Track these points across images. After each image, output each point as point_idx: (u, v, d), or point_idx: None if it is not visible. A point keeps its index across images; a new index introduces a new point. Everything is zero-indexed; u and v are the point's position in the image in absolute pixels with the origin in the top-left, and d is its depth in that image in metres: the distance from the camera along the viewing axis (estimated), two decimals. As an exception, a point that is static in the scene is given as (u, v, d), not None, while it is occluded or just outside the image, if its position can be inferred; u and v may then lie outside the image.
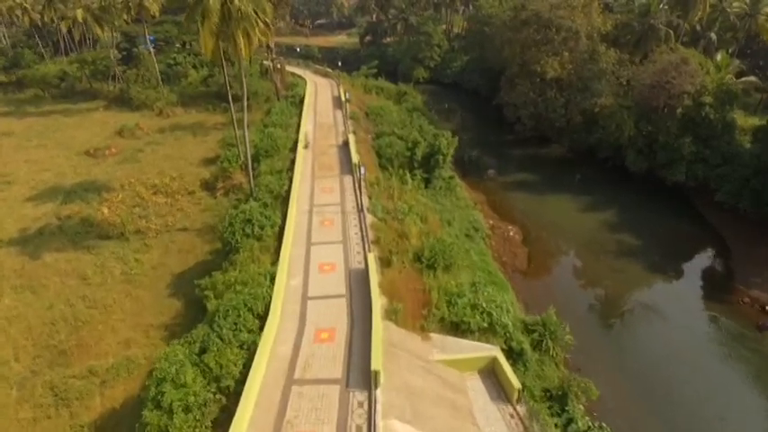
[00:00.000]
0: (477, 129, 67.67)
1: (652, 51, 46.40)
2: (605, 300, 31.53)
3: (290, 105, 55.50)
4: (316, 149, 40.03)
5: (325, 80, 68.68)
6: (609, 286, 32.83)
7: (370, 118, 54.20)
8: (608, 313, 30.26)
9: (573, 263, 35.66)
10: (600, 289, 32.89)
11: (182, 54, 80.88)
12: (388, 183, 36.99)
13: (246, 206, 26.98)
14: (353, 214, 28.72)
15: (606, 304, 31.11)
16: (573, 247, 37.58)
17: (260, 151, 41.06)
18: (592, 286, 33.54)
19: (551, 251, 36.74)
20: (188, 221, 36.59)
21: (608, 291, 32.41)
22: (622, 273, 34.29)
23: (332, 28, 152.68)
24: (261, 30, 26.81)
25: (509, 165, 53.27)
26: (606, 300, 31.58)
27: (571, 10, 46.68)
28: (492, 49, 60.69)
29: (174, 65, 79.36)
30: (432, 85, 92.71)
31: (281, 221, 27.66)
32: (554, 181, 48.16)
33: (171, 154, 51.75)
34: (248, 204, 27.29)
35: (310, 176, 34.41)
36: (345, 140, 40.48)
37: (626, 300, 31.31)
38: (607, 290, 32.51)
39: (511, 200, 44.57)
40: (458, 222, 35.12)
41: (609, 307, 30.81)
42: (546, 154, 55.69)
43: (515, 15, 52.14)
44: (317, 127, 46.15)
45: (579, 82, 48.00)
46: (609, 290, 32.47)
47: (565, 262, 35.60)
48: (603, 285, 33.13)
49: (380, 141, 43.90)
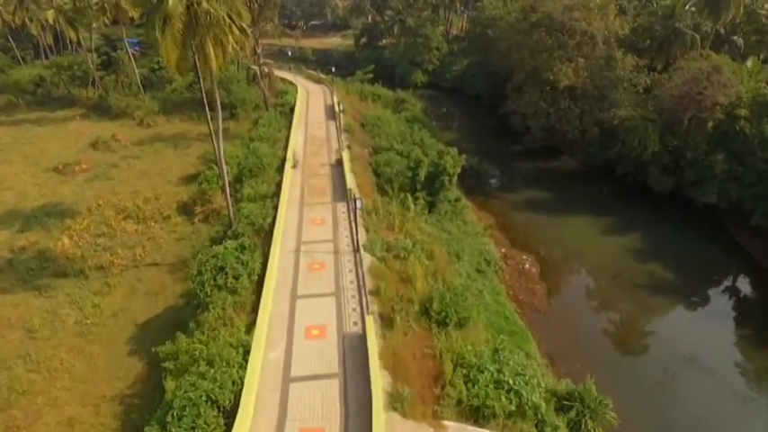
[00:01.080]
0: (481, 138, 63.37)
1: (675, 58, 42.27)
2: (640, 349, 27.26)
3: (279, 115, 51.03)
4: (306, 169, 35.59)
5: (318, 86, 64.22)
6: (643, 332, 28.63)
7: (367, 129, 49.84)
8: (644, 366, 25.95)
9: (599, 301, 31.36)
10: (634, 336, 28.64)
11: (166, 58, 75.98)
12: (388, 208, 32.72)
13: (220, 249, 22.48)
14: (348, 255, 24.32)
15: (642, 355, 26.83)
16: (597, 281, 33.30)
17: (243, 171, 36.60)
18: (624, 331, 29.28)
19: (573, 286, 32.47)
20: (159, 254, 32.03)
21: (643, 338, 28.18)
22: (656, 313, 30.12)
23: (326, 29, 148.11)
24: (236, 36, 22.40)
25: (518, 180, 49.04)
26: (641, 349, 27.32)
27: (587, 12, 42.50)
28: (497, 53, 56.48)
29: (158, 69, 74.60)
30: (431, 90, 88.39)
31: (263, 265, 23.22)
32: (568, 199, 43.94)
33: (148, 170, 47.11)
34: (222, 246, 22.76)
35: (298, 204, 29.98)
36: (339, 159, 36.09)
37: (663, 348, 26.99)
38: (642, 337, 28.28)
39: (523, 222, 40.26)
40: (467, 255, 30.81)
41: (645, 359, 26.51)
42: (557, 167, 51.48)
43: (524, 17, 47.92)
44: (308, 141, 41.73)
45: (595, 91, 43.82)
46: (644, 337, 28.24)
47: (590, 300, 31.31)
48: (637, 331, 28.94)
49: (378, 158, 39.59)
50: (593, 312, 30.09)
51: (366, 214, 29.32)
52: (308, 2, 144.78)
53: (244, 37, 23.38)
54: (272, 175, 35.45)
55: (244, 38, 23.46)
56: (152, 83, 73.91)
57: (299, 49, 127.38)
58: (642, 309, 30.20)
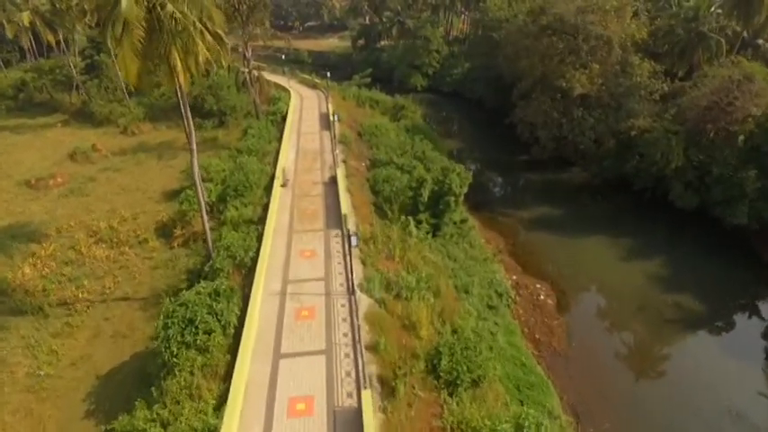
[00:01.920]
0: (485, 147, 60.14)
1: (698, 64, 39.00)
2: (675, 400, 23.85)
3: (271, 124, 47.62)
4: (297, 188, 32.20)
5: (313, 92, 60.83)
6: (677, 377, 25.22)
7: (364, 139, 46.51)
8: (682, 423, 22.60)
9: (625, 340, 27.97)
10: (666, 383, 25.22)
11: (155, 61, 72.27)
12: (388, 232, 29.38)
13: (191, 295, 19.01)
14: (342, 298, 20.93)
15: (678, 408, 23.42)
16: (621, 315, 29.92)
17: (228, 190, 33.18)
18: (655, 377, 25.98)
19: (595, 322, 29.09)
20: (132, 285, 28.57)
21: (676, 385, 24.75)
22: (690, 354, 26.83)
23: (322, 30, 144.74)
24: (209, 44, 18.99)
25: (527, 194, 45.72)
26: (676, 400, 23.91)
27: (602, 14, 39.20)
28: (503, 57, 53.13)
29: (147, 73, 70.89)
30: (430, 94, 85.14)
31: (242, 311, 19.82)
32: (582, 216, 40.64)
33: (128, 184, 43.65)
34: (194, 292, 19.29)
35: (287, 231, 26.56)
36: (333, 176, 32.70)
37: (703, 398, 23.66)
38: (675, 384, 24.84)
39: (535, 243, 36.91)
40: (477, 287, 27.47)
41: (682, 413, 23.11)
42: (567, 180, 48.13)
43: (533, 20, 44.60)
44: (300, 155, 38.32)
45: (611, 100, 40.53)
46: (677, 384, 24.81)
47: (614, 338, 27.91)
48: (670, 376, 25.55)
49: (377, 173, 36.23)
50: (620, 355, 26.71)
51: (363, 243, 25.96)
52: (305, 2, 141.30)
53: (219, 45, 19.97)
54: (259, 195, 32.03)
55: (219, 46, 20.05)
56: (139, 87, 70.31)
57: (295, 52, 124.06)
58: (674, 349, 26.92)
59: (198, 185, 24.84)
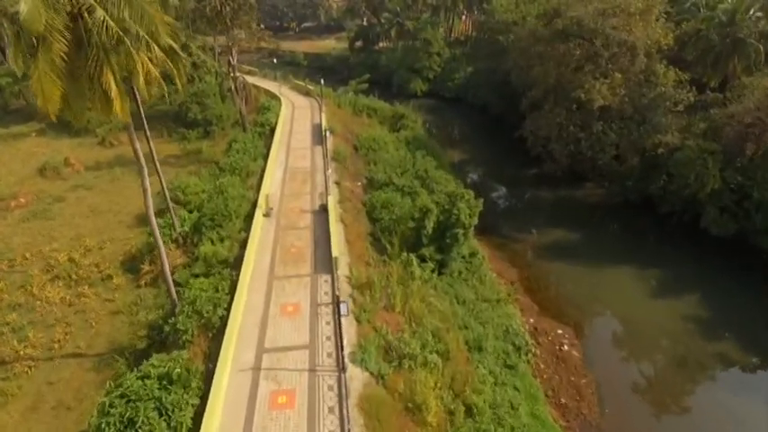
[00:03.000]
0: (491, 159, 56.05)
1: (734, 74, 34.92)
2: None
3: (258, 138, 43.44)
4: (282, 218, 28.03)
5: (306, 100, 56.66)
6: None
7: (361, 153, 42.41)
8: None
9: (667, 404, 23.73)
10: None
11: (139, 65, 67.94)
12: (388, 270, 25.33)
13: (133, 382, 14.79)
14: (330, 375, 16.76)
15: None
16: (658, 370, 25.78)
17: (204, 219, 28.98)
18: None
19: (629, 379, 24.87)
20: (86, 337, 24.36)
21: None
22: (741, 422, 22.68)
23: (319, 31, 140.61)
24: (157, 59, 14.87)
25: (540, 215, 41.60)
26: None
27: (626, 18, 35.09)
28: (512, 64, 49.03)
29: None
30: (431, 100, 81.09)
31: (203, 396, 15.66)
32: (602, 242, 36.58)
33: (99, 205, 39.40)
34: (136, 378, 15.07)
35: (266, 278, 22.38)
36: (324, 205, 28.52)
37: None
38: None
39: (551, 275, 32.83)
40: (491, 340, 23.37)
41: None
42: (582, 198, 44.04)
43: (546, 24, 40.49)
44: (289, 175, 34.16)
45: (635, 113, 36.43)
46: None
47: (654, 403, 23.68)
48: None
49: (374, 197, 32.20)
50: (662, 425, 22.57)
51: (358, 291, 21.88)
52: (301, 3, 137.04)
53: (172, 60, 15.84)
54: (238, 226, 27.84)
55: (173, 61, 15.92)
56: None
57: (290, 54, 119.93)
58: (726, 415, 22.79)
59: (152, 223, 20.68)
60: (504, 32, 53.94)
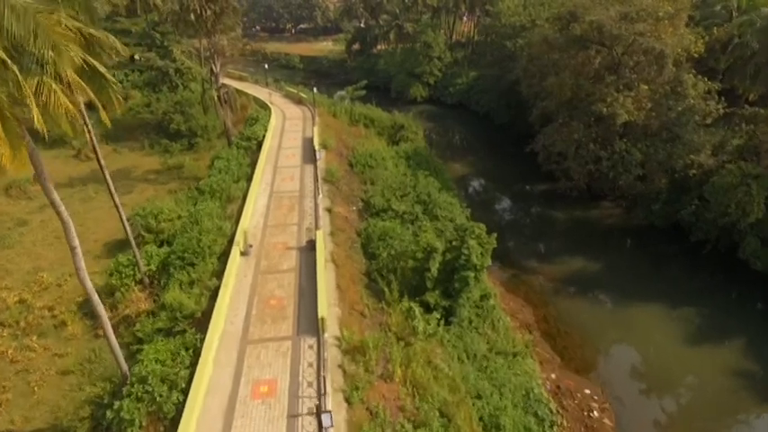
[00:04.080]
0: (496, 172, 52.18)
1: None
2: None
3: (243, 154, 39.44)
4: (263, 258, 24.07)
5: (298, 109, 52.72)
6: None
7: (356, 171, 38.54)
8: None
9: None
10: None
11: (123, 71, 64.07)
12: (386, 321, 21.56)
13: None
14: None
15: None
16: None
17: (173, 257, 25.02)
18: None
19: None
20: (25, 407, 20.43)
21: None
22: None
23: (316, 33, 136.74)
24: (72, 82, 11.06)
25: (553, 239, 37.72)
26: None
27: (655, 23, 31.24)
28: (521, 71, 45.25)
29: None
30: (432, 106, 77.37)
31: None
32: (625, 272, 32.72)
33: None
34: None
35: (237, 344, 18.42)
36: (312, 241, 24.59)
37: None
38: None
39: (572, 314, 28.93)
40: (509, 412, 19.43)
41: None
42: (599, 219, 40.15)
43: (561, 29, 36.60)
44: (274, 202, 30.20)
45: (663, 129, 32.57)
46: None
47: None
48: None
49: (371, 227, 28.37)
50: None
51: (350, 359, 17.98)
52: (296, 4, 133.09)
53: (100, 86, 11.98)
54: (211, 268, 23.87)
55: (101, 87, 12.06)
56: (104, 101, 62.03)
57: (285, 57, 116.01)
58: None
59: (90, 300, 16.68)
60: (512, 37, 50.03)
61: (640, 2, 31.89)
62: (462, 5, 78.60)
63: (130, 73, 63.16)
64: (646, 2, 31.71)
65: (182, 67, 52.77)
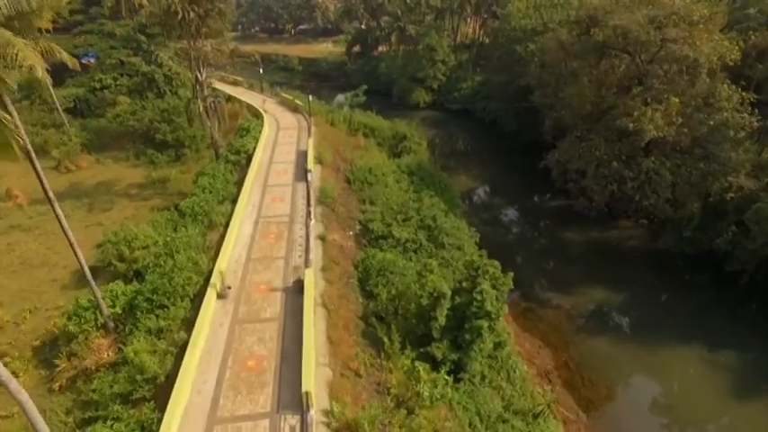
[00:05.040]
0: (504, 185, 48.84)
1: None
2: None
3: (231, 170, 36.16)
4: (242, 303, 20.75)
5: (293, 117, 49.40)
6: None
7: (354, 188, 35.26)
8: None
9: None
10: None
11: (111, 74, 60.78)
12: (387, 379, 18.39)
13: None
14: None
15: None
16: None
17: (140, 299, 21.71)
18: None
19: None
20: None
21: None
22: None
23: (316, 34, 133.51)
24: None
25: (570, 265, 34.31)
26: None
27: (689, 28, 27.88)
28: (533, 79, 41.92)
29: (100, 89, 59.59)
30: (435, 111, 74.03)
31: None
32: (654, 306, 29.39)
33: (33, 255, 32.23)
34: None
35: (204, 422, 15.09)
36: (300, 281, 21.25)
37: None
38: None
39: (598, 361, 25.55)
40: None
41: None
42: (619, 240, 36.79)
43: (581, 34, 33.23)
44: (260, 229, 26.88)
45: (695, 147, 29.21)
46: None
47: None
48: None
49: (369, 259, 25.12)
50: None
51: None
52: (296, 4, 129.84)
53: None
54: (182, 314, 20.57)
55: None
56: (90, 107, 59.01)
57: (284, 58, 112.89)
58: None
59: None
60: (523, 41, 46.65)
61: (672, 4, 28.51)
62: (468, 7, 75.13)
63: (119, 77, 59.93)
64: (677, 4, 28.34)
65: (169, 73, 49.48)
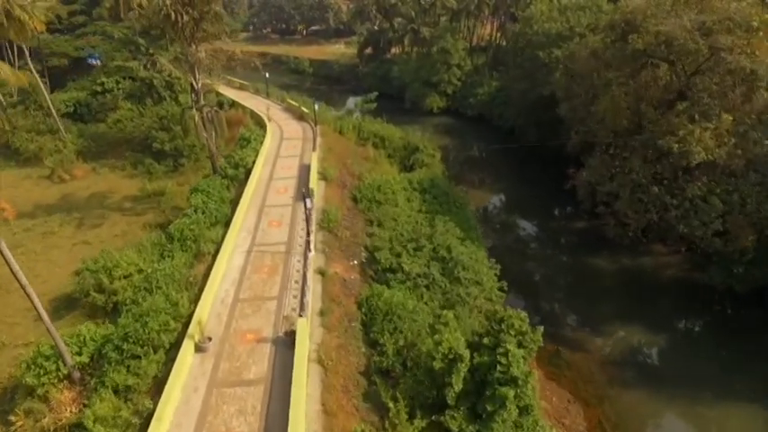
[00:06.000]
0: (521, 201, 45.47)
1: None
2: None
3: (228, 185, 33.33)
4: (224, 358, 17.69)
5: (298, 126, 46.46)
6: None
7: (361, 207, 32.19)
8: None
9: None
10: None
11: (114, 78, 58.45)
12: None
13: None
14: None
15: None
16: None
17: (108, 347, 18.78)
18: None
19: None
20: None
21: None
22: None
23: (328, 35, 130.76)
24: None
25: (602, 300, 30.70)
26: None
27: (746, 36, 24.28)
28: (559, 90, 38.42)
29: (101, 93, 57.32)
30: (449, 118, 70.68)
31: None
32: (704, 350, 25.89)
33: (11, 277, 29.49)
34: None
35: None
36: (291, 332, 18.12)
37: None
38: None
39: (636, 420, 22.09)
40: None
41: None
42: (653, 269, 33.15)
43: (615, 40, 29.67)
44: (253, 260, 23.86)
45: (752, 171, 25.55)
46: None
47: None
48: None
49: (374, 297, 22.01)
50: None
51: None
52: (308, 5, 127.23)
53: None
54: (154, 369, 17.64)
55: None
56: (91, 111, 56.79)
57: (295, 60, 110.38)
58: None
59: None
60: (546, 46, 43.07)
61: (725, 8, 24.88)
62: (486, 8, 71.59)
63: (122, 80, 57.60)
64: (732, 8, 24.71)
65: (169, 78, 46.88)
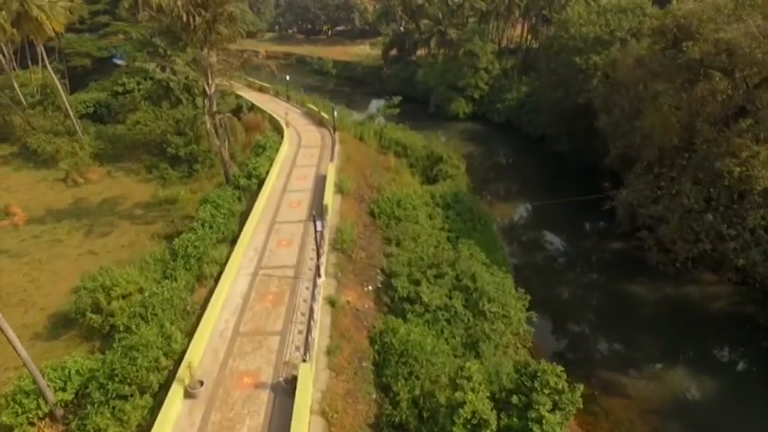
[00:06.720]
0: (553, 217, 42.28)
1: None
2: None
3: (240, 196, 31.58)
4: (215, 408, 15.66)
5: (317, 132, 44.56)
6: None
7: (379, 224, 29.99)
8: None
9: None
10: None
11: (135, 78, 57.72)
12: None
13: None
14: None
15: None
16: None
17: (93, 385, 17.00)
18: None
19: None
20: None
21: None
22: None
23: (353, 36, 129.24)
24: None
25: (642, 333, 27.67)
26: None
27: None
28: (595, 95, 35.46)
29: (123, 93, 56.69)
30: (476, 124, 67.90)
31: None
32: (762, 395, 22.71)
33: (13, 290, 28.68)
34: None
35: None
36: (293, 379, 15.97)
37: None
38: None
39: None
40: None
41: None
42: (699, 300, 29.90)
43: (665, 48, 26.64)
44: (257, 287, 21.86)
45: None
46: None
47: None
48: None
49: (388, 337, 19.89)
50: None
51: None
52: (334, 5, 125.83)
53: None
54: (139, 415, 15.78)
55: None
56: (111, 112, 56.24)
57: (318, 61, 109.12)
58: None
59: None
60: (583, 52, 40.01)
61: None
62: (516, 10, 68.50)
63: (143, 81, 56.82)
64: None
65: (187, 81, 45.61)
